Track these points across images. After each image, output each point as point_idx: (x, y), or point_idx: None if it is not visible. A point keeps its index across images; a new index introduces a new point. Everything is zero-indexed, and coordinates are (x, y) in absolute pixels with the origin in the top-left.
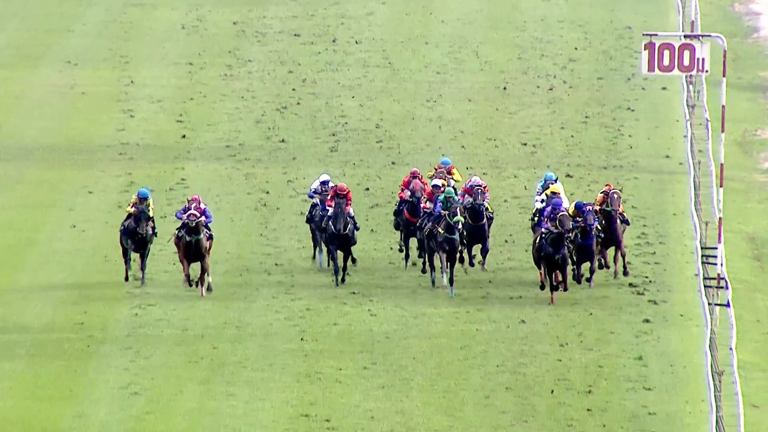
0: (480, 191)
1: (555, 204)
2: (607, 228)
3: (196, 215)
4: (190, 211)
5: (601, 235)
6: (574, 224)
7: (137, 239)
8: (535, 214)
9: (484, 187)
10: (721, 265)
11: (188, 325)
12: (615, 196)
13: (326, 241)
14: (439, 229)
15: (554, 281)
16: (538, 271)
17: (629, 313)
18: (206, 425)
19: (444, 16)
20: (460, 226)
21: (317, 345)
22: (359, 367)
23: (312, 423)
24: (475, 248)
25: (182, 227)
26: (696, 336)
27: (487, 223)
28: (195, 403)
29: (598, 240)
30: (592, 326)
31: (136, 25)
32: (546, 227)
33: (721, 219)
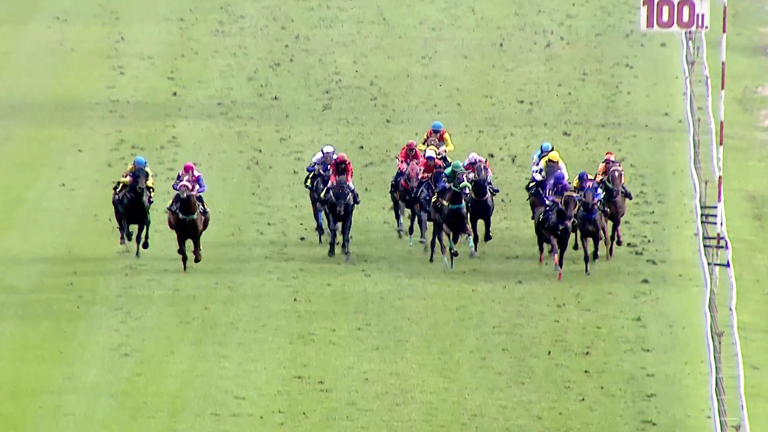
0: (482, 167)
1: (558, 178)
2: (609, 204)
3: (188, 187)
4: (181, 183)
5: (607, 210)
6: (576, 197)
7: (136, 210)
8: (531, 186)
9: (485, 162)
10: (721, 224)
11: (179, 285)
12: (616, 174)
13: (326, 212)
14: (444, 201)
15: (556, 253)
16: (538, 247)
17: (627, 274)
18: (198, 387)
19: None
20: (468, 191)
21: (310, 306)
22: (353, 328)
23: (305, 385)
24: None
25: (176, 201)
26: (695, 296)
27: (491, 198)
28: (186, 365)
29: (605, 213)
30: (589, 287)
31: None
32: (551, 200)
33: (720, 177)
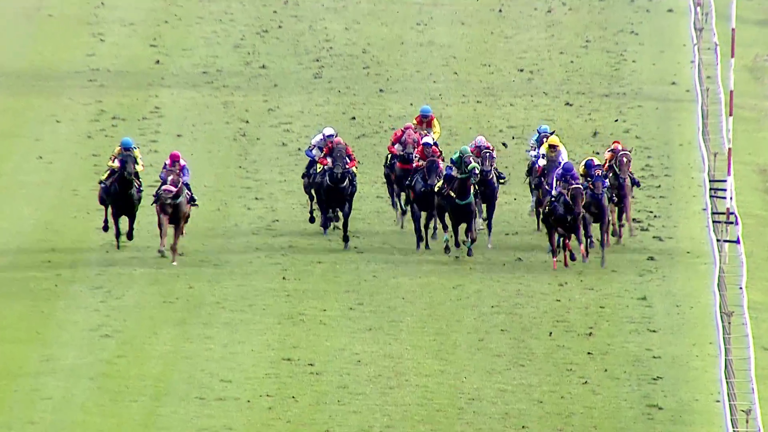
0: (488, 155)
1: (567, 169)
2: (616, 193)
3: (171, 191)
4: (165, 186)
5: (614, 199)
6: (584, 185)
7: (123, 201)
8: (529, 170)
9: (492, 149)
10: (731, 198)
11: (162, 263)
12: (624, 160)
13: (321, 198)
14: (451, 192)
15: (565, 246)
16: (548, 236)
17: (632, 251)
18: (182, 369)
19: None
20: (477, 172)
21: (300, 284)
22: (345, 308)
23: (294, 367)
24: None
25: (160, 193)
26: (703, 274)
27: (496, 185)
28: (170, 347)
29: (611, 201)
30: (592, 264)
31: None
32: (558, 190)
33: (730, 149)
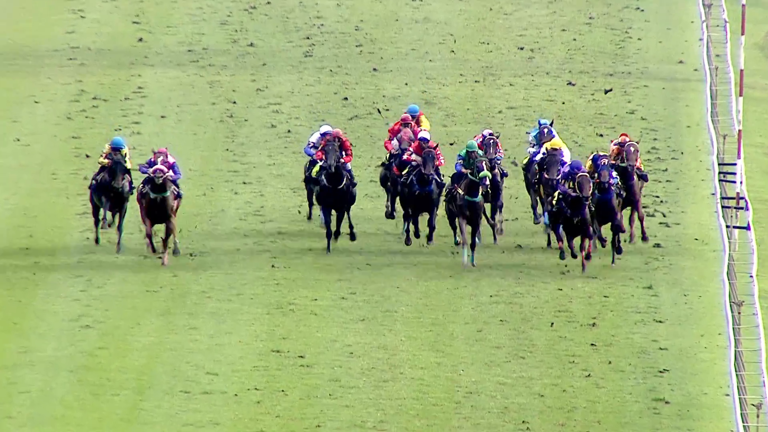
0: (492, 142)
1: (574, 166)
2: (623, 185)
3: (163, 171)
4: (156, 166)
5: (622, 194)
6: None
7: (112, 195)
8: (527, 166)
9: (497, 137)
10: (741, 183)
11: (146, 250)
12: (631, 149)
13: (318, 199)
14: (459, 190)
15: (575, 249)
16: (556, 237)
17: (638, 238)
18: (166, 362)
19: None
20: (488, 182)
21: (290, 272)
22: (337, 298)
23: (284, 359)
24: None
25: (146, 182)
26: (712, 262)
27: (500, 179)
28: (153, 338)
29: (619, 198)
30: (596, 251)
31: None
32: (564, 190)
33: (740, 131)
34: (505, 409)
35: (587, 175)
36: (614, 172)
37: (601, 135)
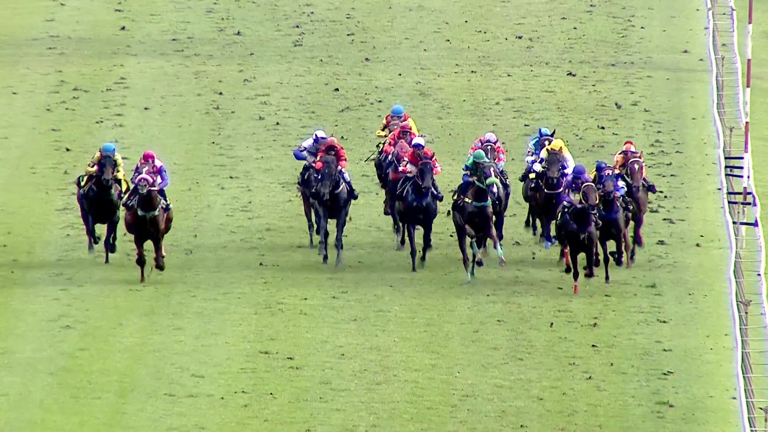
0: (490, 148)
1: (577, 171)
2: (630, 201)
3: (148, 181)
4: (140, 176)
5: (630, 207)
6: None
7: (101, 208)
8: (524, 176)
9: (495, 142)
10: (748, 177)
11: (129, 248)
12: (635, 167)
13: (315, 207)
14: (466, 198)
15: (577, 266)
16: (561, 252)
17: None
18: (149, 363)
19: None
20: (495, 190)
21: (278, 271)
22: (327, 297)
23: (272, 361)
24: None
25: (133, 193)
26: (718, 260)
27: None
28: (136, 339)
29: (626, 212)
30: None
31: None
32: (568, 200)
33: (747, 124)
34: (503, 412)
35: (593, 184)
36: (620, 181)
37: (603, 127)
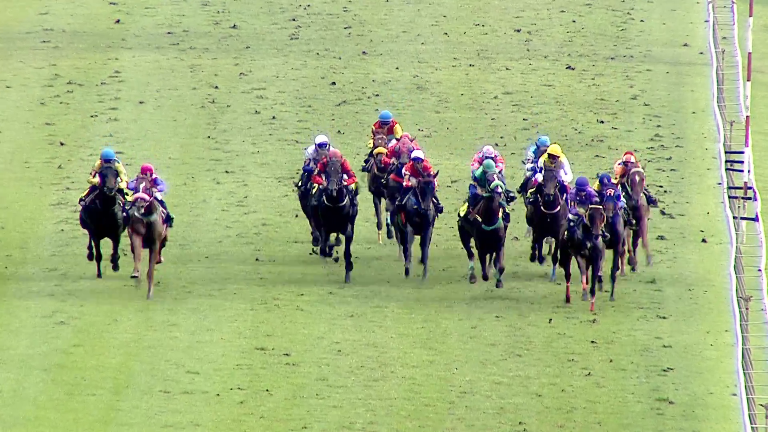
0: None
1: (580, 184)
2: (632, 214)
3: (145, 199)
4: (138, 195)
5: (632, 221)
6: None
7: (103, 221)
8: (524, 186)
9: (495, 157)
10: (748, 171)
11: (123, 243)
12: (637, 179)
13: (318, 220)
14: (477, 216)
15: (588, 276)
16: (564, 272)
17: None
18: (144, 360)
19: None
20: (500, 191)
21: (274, 266)
22: (324, 293)
23: (268, 357)
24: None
25: (132, 204)
26: (719, 255)
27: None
28: (131, 335)
29: (628, 225)
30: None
31: None
32: (575, 212)
33: (748, 118)
34: (501, 409)
35: (600, 208)
36: (621, 193)
37: (602, 122)
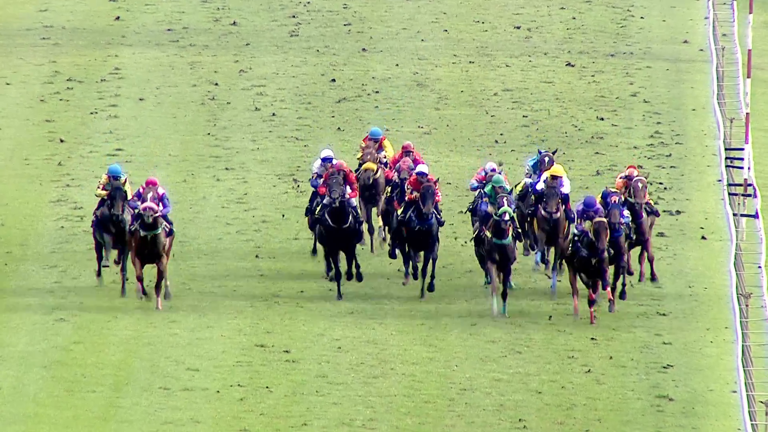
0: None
1: (588, 204)
2: (634, 229)
3: (154, 209)
4: (146, 204)
5: (632, 236)
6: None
7: (114, 231)
8: (522, 197)
9: (499, 171)
10: (748, 168)
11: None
12: (639, 185)
13: (321, 238)
14: (487, 232)
15: (591, 301)
16: (572, 288)
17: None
18: (144, 357)
19: None
20: (507, 217)
21: (274, 263)
22: (324, 290)
23: (268, 354)
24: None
25: (136, 219)
26: (718, 252)
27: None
28: (131, 332)
29: (629, 239)
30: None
31: None
32: (581, 229)
33: (748, 115)
34: (501, 406)
35: (605, 221)
36: (625, 209)
37: (602, 119)
